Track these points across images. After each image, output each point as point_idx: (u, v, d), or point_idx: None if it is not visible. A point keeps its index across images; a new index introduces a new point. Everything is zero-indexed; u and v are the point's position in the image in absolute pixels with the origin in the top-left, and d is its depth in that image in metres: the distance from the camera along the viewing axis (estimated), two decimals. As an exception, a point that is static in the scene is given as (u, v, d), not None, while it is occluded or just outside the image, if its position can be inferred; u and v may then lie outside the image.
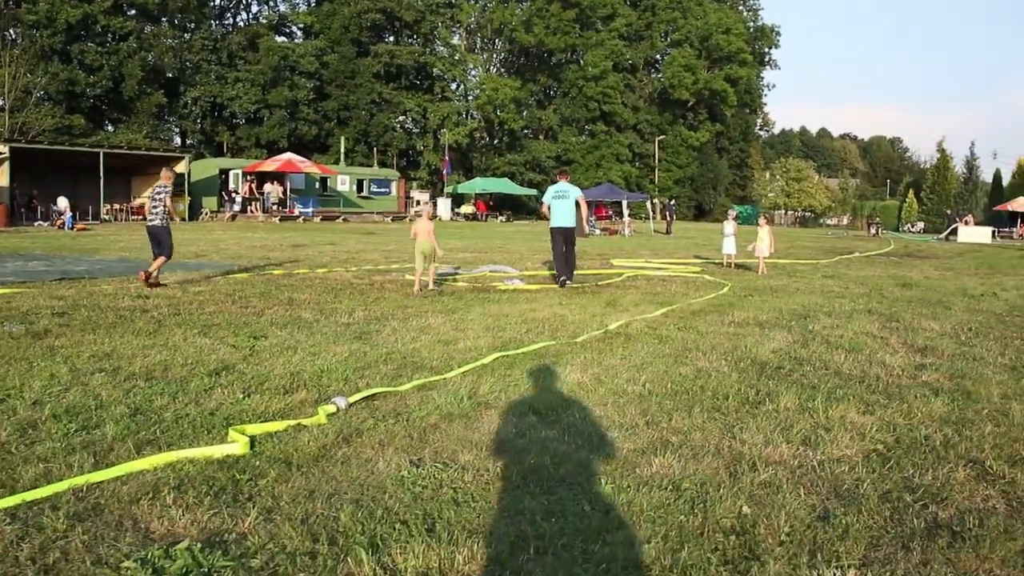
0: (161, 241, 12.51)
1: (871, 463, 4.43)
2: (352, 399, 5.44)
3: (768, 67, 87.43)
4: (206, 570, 3.00)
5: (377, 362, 6.83)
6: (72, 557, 3.14)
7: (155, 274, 12.19)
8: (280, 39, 62.60)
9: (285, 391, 5.74)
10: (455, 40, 70.72)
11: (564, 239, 13.98)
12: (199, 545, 3.18)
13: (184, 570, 2.96)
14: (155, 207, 12.63)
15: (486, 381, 6.17)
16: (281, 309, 9.91)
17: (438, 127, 64.15)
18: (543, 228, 16.29)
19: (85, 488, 3.81)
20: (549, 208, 14.15)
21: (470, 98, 69.75)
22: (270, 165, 45.10)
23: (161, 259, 12.36)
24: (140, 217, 40.14)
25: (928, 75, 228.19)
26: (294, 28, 65.25)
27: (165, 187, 12.63)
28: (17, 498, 3.67)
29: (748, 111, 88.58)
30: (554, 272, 14.52)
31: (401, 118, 65.19)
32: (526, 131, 73.39)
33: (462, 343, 7.85)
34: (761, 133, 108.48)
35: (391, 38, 67.12)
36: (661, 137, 77.39)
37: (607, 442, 4.72)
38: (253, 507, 3.61)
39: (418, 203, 52.24)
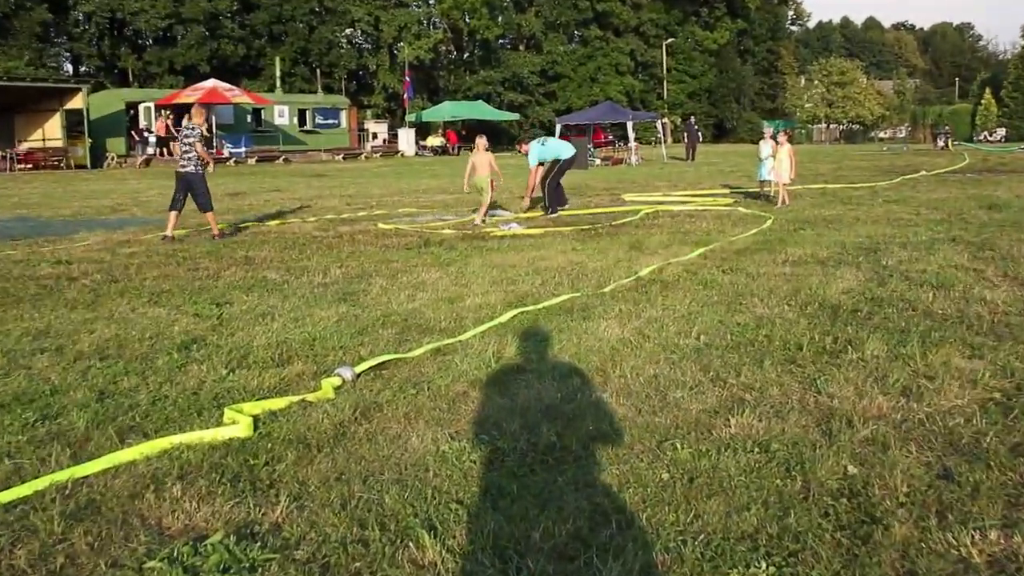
0: (196, 190, 13.14)
1: (991, 414, 4.67)
2: (359, 369, 5.64)
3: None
4: (247, 565, 3.18)
5: (374, 326, 7.03)
6: (81, 561, 3.31)
7: (216, 231, 13.34)
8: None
9: (276, 364, 5.94)
10: (409, -71, 69.90)
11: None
12: (232, 538, 3.36)
13: (222, 566, 3.15)
14: (187, 151, 13.15)
15: (510, 342, 6.39)
16: (239, 270, 10.06)
17: (394, 40, 63.62)
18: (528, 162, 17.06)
19: (70, 485, 3.97)
20: (542, 162, 16.65)
21: (432, 2, 69.14)
22: (189, 96, 44.59)
23: (210, 214, 13.28)
24: (30, 165, 39.85)
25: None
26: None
27: (195, 129, 13.22)
28: (-8, 499, 3.83)
29: (776, 2, 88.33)
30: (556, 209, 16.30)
31: (348, 31, 64.58)
32: (503, 41, 72.91)
33: (469, 300, 8.07)
34: (793, 29, 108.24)
35: (329, -71, 66.25)
36: (670, 41, 77.15)
37: (671, 403, 4.94)
38: (279, 494, 3.80)
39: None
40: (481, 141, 15.58)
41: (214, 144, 45.18)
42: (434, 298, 8.19)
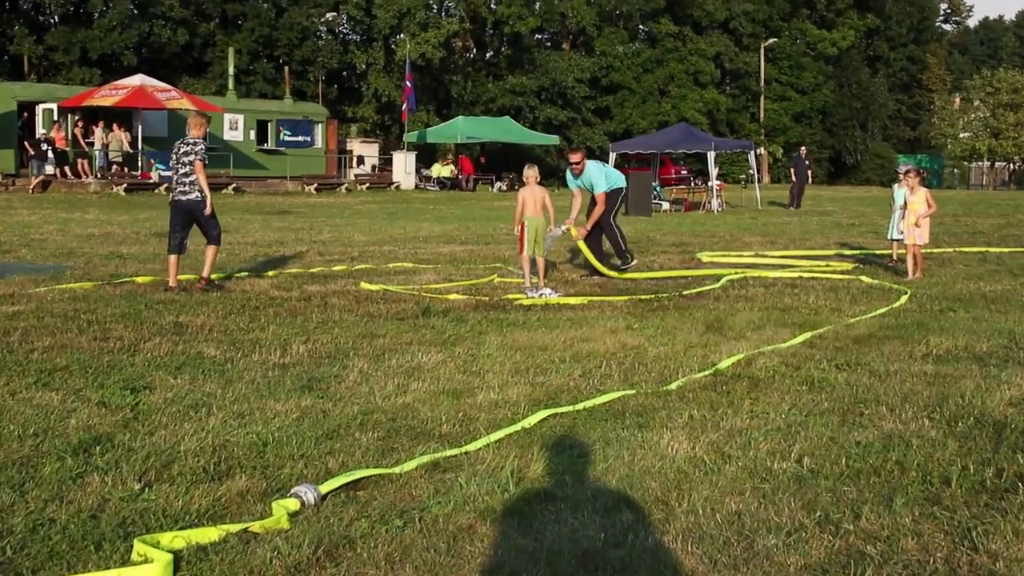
0: (203, 222, 14.01)
1: None
2: (325, 488, 5.61)
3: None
4: None
5: (349, 427, 7.02)
6: None
7: (208, 274, 14.31)
8: None
9: (210, 477, 5.91)
10: None
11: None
12: None
13: None
14: (187, 174, 13.81)
15: (536, 457, 6.36)
16: (166, 342, 10.08)
17: (392, 31, 64.39)
18: (569, 202, 17.04)
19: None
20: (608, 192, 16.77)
21: (444, -20, 70.20)
22: (107, 96, 45.27)
23: (212, 249, 14.26)
24: None
25: None
26: None
27: (196, 143, 13.89)
28: None
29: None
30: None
31: (330, 15, 65.43)
32: (540, 36, 73.73)
33: (482, 394, 8.07)
34: (946, 28, 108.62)
35: None
36: (771, 41, 77.81)
37: (760, 553, 4.89)
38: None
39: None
40: (532, 172, 15.89)
41: (139, 163, 45.62)
42: (433, 390, 8.18)
